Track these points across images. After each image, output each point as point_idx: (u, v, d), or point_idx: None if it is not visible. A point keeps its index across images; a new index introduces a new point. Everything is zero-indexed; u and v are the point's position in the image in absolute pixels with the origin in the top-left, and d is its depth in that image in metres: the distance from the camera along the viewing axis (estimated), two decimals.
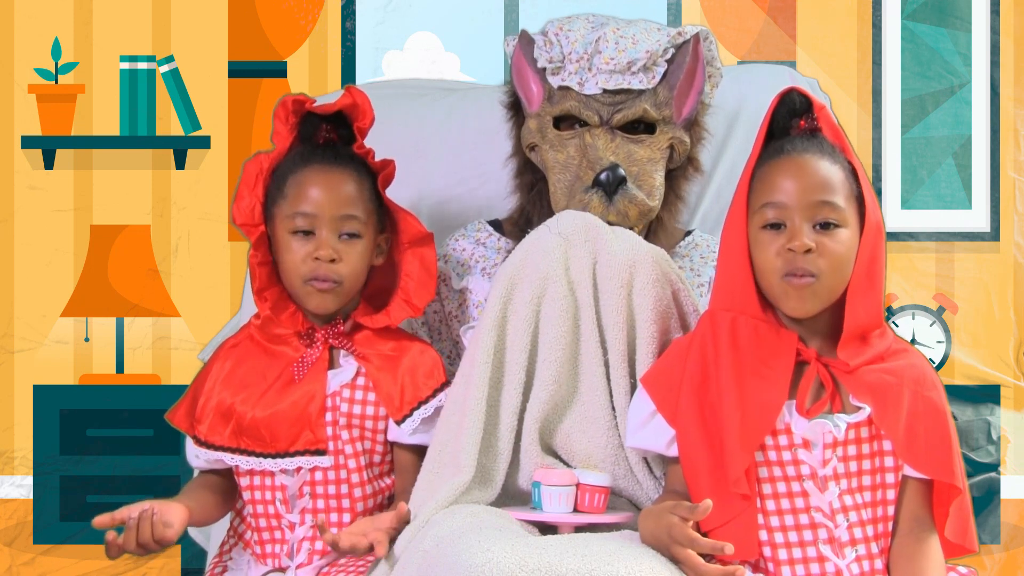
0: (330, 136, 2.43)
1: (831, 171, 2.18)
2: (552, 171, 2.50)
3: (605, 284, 2.31)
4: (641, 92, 2.49)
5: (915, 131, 3.30)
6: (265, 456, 2.37)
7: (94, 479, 3.26)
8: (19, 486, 3.26)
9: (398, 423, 2.39)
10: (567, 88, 2.50)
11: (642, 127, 2.50)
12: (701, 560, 2.04)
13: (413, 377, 2.42)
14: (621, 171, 2.43)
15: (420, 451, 2.40)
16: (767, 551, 2.16)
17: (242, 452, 2.38)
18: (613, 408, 2.32)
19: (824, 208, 2.16)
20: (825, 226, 2.16)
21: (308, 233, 2.38)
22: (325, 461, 2.37)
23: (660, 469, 2.34)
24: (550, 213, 2.48)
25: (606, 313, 2.32)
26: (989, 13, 3.28)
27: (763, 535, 2.17)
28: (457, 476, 2.26)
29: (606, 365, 2.33)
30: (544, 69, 2.52)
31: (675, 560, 2.06)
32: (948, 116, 3.29)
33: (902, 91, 3.30)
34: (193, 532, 2.87)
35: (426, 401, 2.41)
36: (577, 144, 2.48)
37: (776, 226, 2.17)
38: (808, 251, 2.14)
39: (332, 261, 2.37)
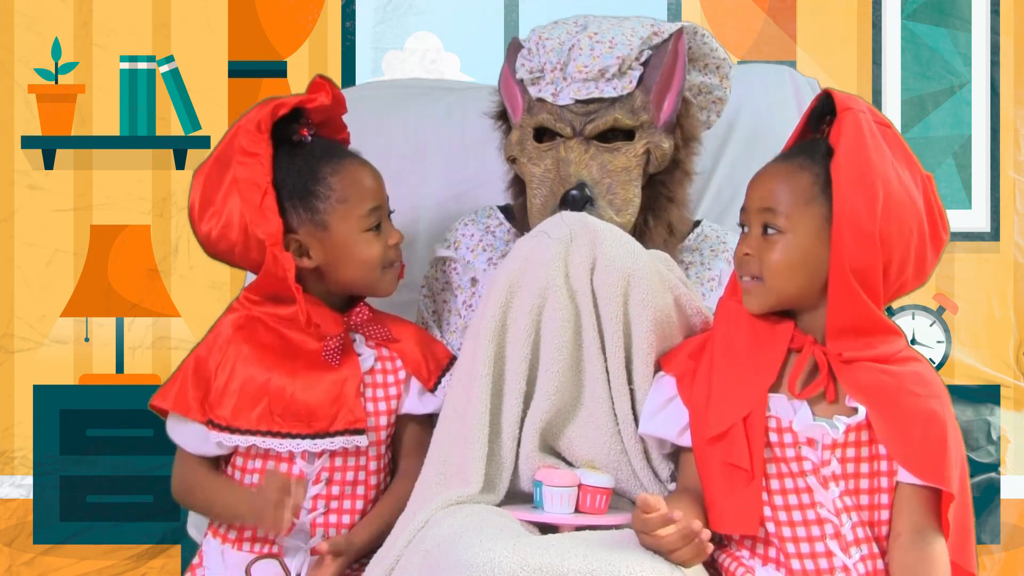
0: (311, 129, 2.45)
1: (793, 178, 2.21)
2: (529, 184, 2.47)
3: (602, 291, 2.31)
4: (615, 100, 2.44)
5: (915, 131, 3.30)
6: (304, 437, 2.36)
7: (94, 479, 3.26)
8: (19, 486, 3.26)
9: (431, 390, 2.45)
10: (543, 100, 2.46)
11: (620, 135, 2.46)
12: (664, 532, 2.05)
13: (429, 348, 2.49)
14: (587, 190, 2.40)
15: (423, 419, 2.46)
16: (775, 539, 2.19)
17: (275, 435, 2.36)
18: (615, 414, 2.33)
19: (766, 215, 2.22)
20: (770, 232, 2.22)
21: (378, 226, 2.43)
22: (363, 440, 2.38)
23: (666, 471, 2.35)
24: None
25: (604, 321, 2.31)
26: (989, 13, 3.28)
27: (771, 527, 2.20)
28: (464, 488, 2.27)
29: (607, 371, 2.33)
30: (523, 80, 2.50)
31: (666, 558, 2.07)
32: (948, 116, 3.29)
33: (902, 91, 3.30)
34: (193, 532, 2.87)
35: (448, 367, 2.47)
36: (553, 156, 2.45)
37: (743, 227, 2.27)
38: (747, 255, 2.23)
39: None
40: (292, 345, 2.40)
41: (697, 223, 2.64)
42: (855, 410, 2.19)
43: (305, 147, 2.43)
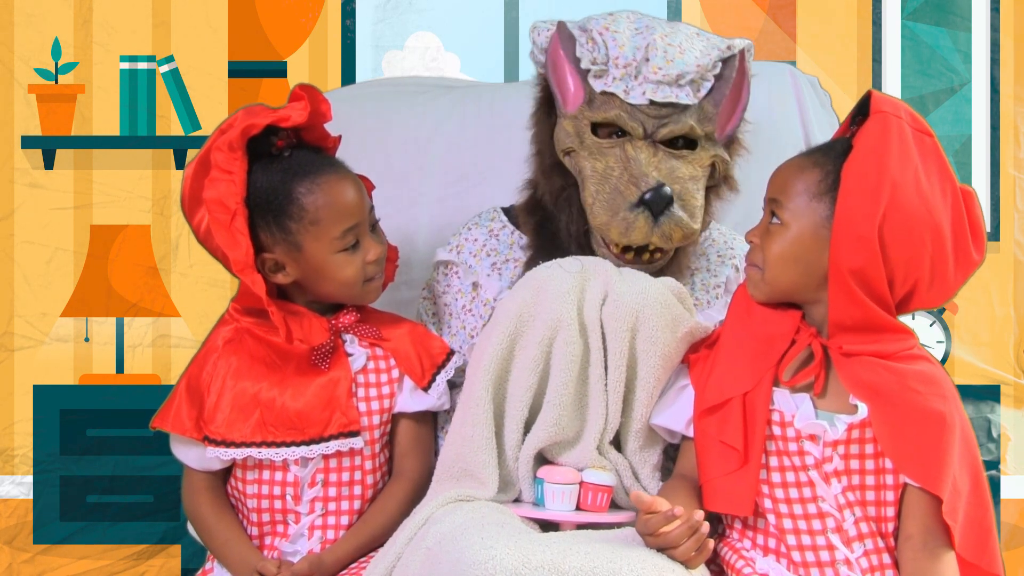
0: (289, 140, 2.42)
1: (804, 173, 2.22)
2: (589, 180, 2.40)
3: (610, 325, 2.31)
4: (687, 107, 2.39)
5: None
6: (299, 444, 2.37)
7: (94, 479, 3.25)
8: (19, 485, 3.26)
9: (425, 389, 2.44)
10: (611, 94, 2.39)
11: (682, 142, 2.41)
12: (668, 528, 2.06)
13: (424, 346, 2.48)
14: (667, 190, 2.33)
15: (419, 417, 2.47)
16: (775, 531, 2.20)
17: (270, 445, 2.37)
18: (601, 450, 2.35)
19: (771, 204, 2.25)
20: (774, 222, 2.25)
21: (355, 244, 2.41)
22: (359, 442, 2.39)
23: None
24: (580, 220, 2.43)
25: (610, 355, 2.32)
26: (989, 12, 3.28)
27: (772, 519, 2.21)
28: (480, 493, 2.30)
29: (607, 407, 2.34)
30: (587, 71, 2.41)
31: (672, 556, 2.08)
32: (948, 115, 3.29)
33: (902, 90, 3.30)
34: (193, 532, 2.87)
35: (443, 365, 2.47)
36: (618, 155, 2.38)
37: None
38: (751, 242, 2.27)
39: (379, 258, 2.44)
40: (281, 353, 2.40)
41: None
42: (855, 408, 2.20)
43: (282, 161, 2.41)
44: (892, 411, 2.15)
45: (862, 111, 2.25)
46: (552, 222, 2.49)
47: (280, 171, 2.40)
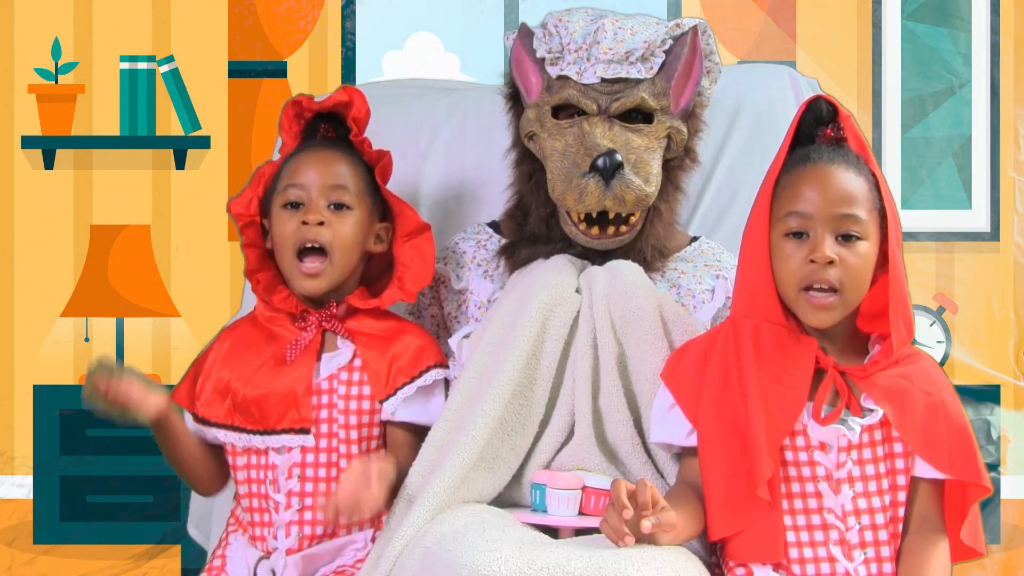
0: (327, 134, 2.51)
1: (855, 183, 2.19)
2: (550, 159, 2.49)
3: (622, 325, 2.38)
4: (639, 81, 2.48)
5: (915, 131, 3.30)
6: (254, 433, 2.41)
7: (94, 479, 3.26)
8: (19, 486, 3.26)
9: (380, 402, 2.43)
10: (566, 77, 2.49)
11: (640, 117, 2.49)
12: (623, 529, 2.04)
13: (403, 358, 2.46)
14: (618, 156, 2.42)
15: (412, 429, 2.45)
16: None
17: (234, 429, 2.42)
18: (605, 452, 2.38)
19: (847, 220, 2.17)
20: (848, 238, 2.18)
21: (298, 205, 2.44)
22: (308, 440, 2.40)
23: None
24: (548, 202, 2.51)
25: (601, 349, 2.38)
26: (989, 13, 3.28)
27: None
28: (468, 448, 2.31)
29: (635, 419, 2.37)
30: (543, 59, 2.52)
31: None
32: (948, 116, 3.29)
33: (902, 91, 3.30)
34: (193, 532, 2.87)
35: (410, 381, 2.45)
36: (575, 132, 2.47)
37: (799, 235, 2.19)
38: (830, 263, 2.16)
39: (320, 224, 2.42)
40: (271, 339, 2.46)
41: (695, 239, 2.66)
42: (870, 411, 2.19)
43: (317, 141, 2.51)
44: (915, 413, 2.17)
45: (822, 116, 2.26)
46: (528, 219, 2.57)
47: (300, 145, 2.50)
